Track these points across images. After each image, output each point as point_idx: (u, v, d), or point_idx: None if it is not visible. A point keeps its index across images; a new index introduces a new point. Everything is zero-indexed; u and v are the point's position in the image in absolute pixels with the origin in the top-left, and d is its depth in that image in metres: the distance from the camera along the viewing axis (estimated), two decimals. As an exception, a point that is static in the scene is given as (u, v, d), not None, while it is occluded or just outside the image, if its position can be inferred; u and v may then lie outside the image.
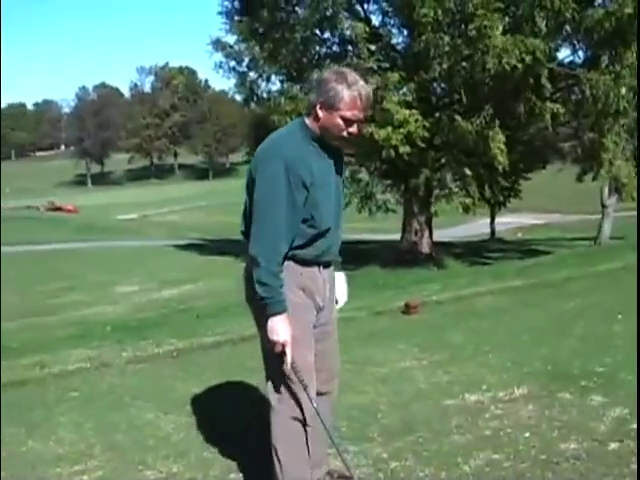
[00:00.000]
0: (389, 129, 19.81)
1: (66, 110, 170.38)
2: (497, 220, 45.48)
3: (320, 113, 3.54)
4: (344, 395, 5.06)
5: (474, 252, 30.16)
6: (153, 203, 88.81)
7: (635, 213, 39.94)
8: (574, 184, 30.42)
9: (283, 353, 3.52)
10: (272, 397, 3.75)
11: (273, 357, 3.60)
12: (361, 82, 3.53)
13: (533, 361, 6.39)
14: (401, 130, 19.83)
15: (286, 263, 3.57)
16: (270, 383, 3.75)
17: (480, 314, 8.67)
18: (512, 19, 19.99)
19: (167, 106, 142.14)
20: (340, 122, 3.52)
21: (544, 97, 19.89)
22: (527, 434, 4.74)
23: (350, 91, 3.48)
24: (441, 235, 32.83)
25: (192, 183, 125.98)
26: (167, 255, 33.88)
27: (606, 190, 27.78)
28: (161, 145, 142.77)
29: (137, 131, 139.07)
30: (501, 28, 18.82)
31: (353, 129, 3.57)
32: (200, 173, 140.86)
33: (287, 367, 3.56)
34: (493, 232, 44.64)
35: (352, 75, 3.54)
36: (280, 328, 3.50)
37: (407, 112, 20.00)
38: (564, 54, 23.27)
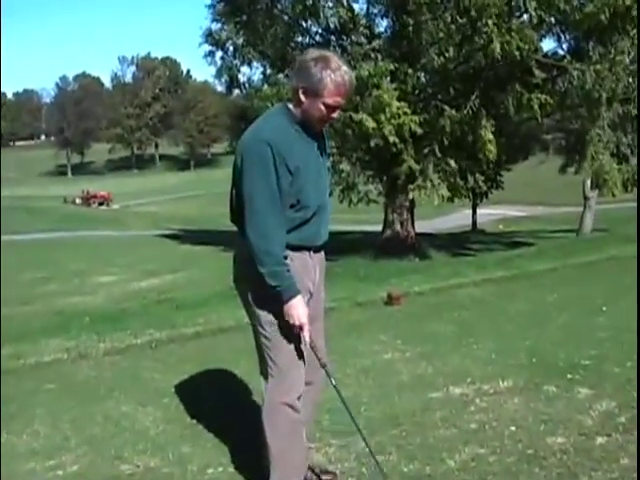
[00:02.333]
0: (382, 117, 19.46)
1: (46, 100, 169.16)
2: (479, 212, 45.42)
3: (303, 98, 3.46)
4: (326, 387, 4.96)
5: (456, 244, 30.13)
6: (134, 193, 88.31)
7: (618, 205, 40.23)
8: (557, 176, 30.43)
9: (300, 334, 3.56)
10: (265, 382, 3.71)
11: (271, 341, 3.61)
12: (344, 67, 3.44)
13: (517, 353, 6.32)
14: (392, 121, 19.53)
15: None
16: (266, 369, 3.70)
17: (462, 305, 8.57)
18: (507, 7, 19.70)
19: (148, 97, 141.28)
20: (322, 108, 3.45)
21: (531, 88, 19.78)
22: (513, 428, 4.66)
23: (334, 77, 3.39)
24: (423, 226, 32.78)
25: (174, 174, 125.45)
26: (147, 245, 33.63)
27: (588, 182, 27.66)
28: (142, 136, 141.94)
29: (118, 121, 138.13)
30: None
31: (335, 115, 3.53)
32: (182, 164, 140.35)
33: (306, 347, 3.60)
34: (475, 224, 44.56)
35: (335, 60, 3.44)
36: (296, 311, 3.49)
37: (398, 104, 19.68)
38: (547, 45, 23.05)
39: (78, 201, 78.80)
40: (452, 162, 20.65)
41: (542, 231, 37.64)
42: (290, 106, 3.54)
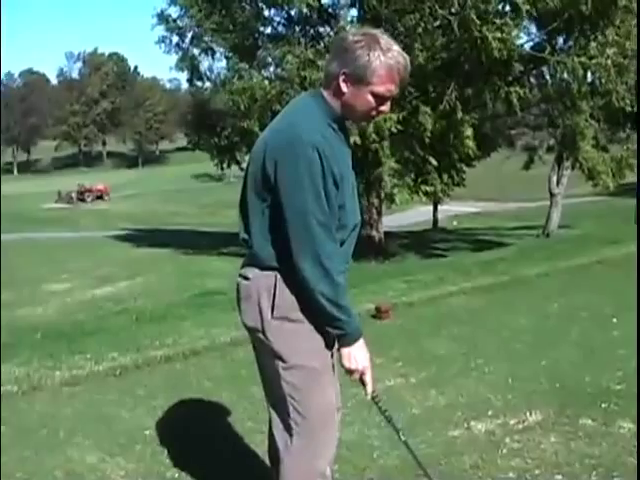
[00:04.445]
0: None
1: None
2: (431, 208, 44.66)
3: (344, 87, 2.69)
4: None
5: (421, 243, 29.44)
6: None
7: (576, 200, 40.12)
8: (509, 172, 30.03)
9: (361, 382, 2.94)
10: (289, 441, 2.95)
11: (300, 390, 2.89)
12: (396, 47, 2.68)
13: (537, 377, 5.60)
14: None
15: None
16: (288, 424, 2.95)
17: (459, 318, 7.80)
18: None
19: (95, 93, 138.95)
20: (370, 99, 2.69)
21: (509, 81, 19.14)
22: (559, 477, 3.94)
23: (386, 60, 2.64)
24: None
25: (122, 171, 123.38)
26: (100, 247, 32.09)
27: (554, 178, 27.22)
28: (89, 133, 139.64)
29: (65, 118, 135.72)
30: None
31: (385, 107, 2.76)
32: (130, 161, 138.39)
33: (368, 397, 2.98)
34: (436, 222, 43.90)
35: (385, 39, 2.68)
36: (361, 354, 2.87)
37: None
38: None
39: (74, 196, 76.73)
40: (433, 160, 19.85)
41: (501, 228, 37.24)
42: (326, 96, 2.74)
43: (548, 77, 20.51)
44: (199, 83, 24.27)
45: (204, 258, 24.62)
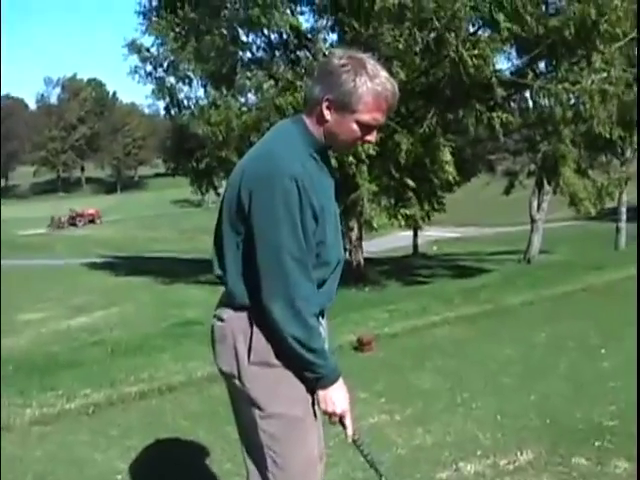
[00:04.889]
0: None
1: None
2: (411, 233, 44.53)
3: (327, 114, 2.51)
4: None
5: (402, 269, 29.27)
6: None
7: (554, 225, 40.15)
8: (488, 197, 29.97)
9: (341, 425, 2.74)
10: None
11: (279, 440, 2.68)
12: (384, 73, 2.50)
13: (526, 413, 5.41)
14: None
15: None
16: (266, 477, 2.73)
17: (443, 350, 7.60)
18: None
19: (74, 119, 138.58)
20: (355, 128, 2.52)
21: (490, 106, 19.08)
22: (555, 523, 3.74)
23: (373, 86, 2.47)
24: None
25: (101, 197, 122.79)
26: (77, 275, 31.70)
27: (535, 203, 27.21)
28: (68, 158, 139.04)
29: (43, 144, 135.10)
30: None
31: (371, 137, 2.58)
32: (108, 187, 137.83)
33: (349, 440, 2.79)
34: (416, 247, 43.72)
35: (372, 63, 2.50)
36: (339, 396, 2.66)
37: None
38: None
39: (64, 220, 77.32)
40: (410, 182, 19.73)
41: (481, 253, 37.17)
42: (308, 123, 2.55)
43: (530, 102, 20.58)
44: (177, 111, 23.91)
45: (181, 286, 24.31)
